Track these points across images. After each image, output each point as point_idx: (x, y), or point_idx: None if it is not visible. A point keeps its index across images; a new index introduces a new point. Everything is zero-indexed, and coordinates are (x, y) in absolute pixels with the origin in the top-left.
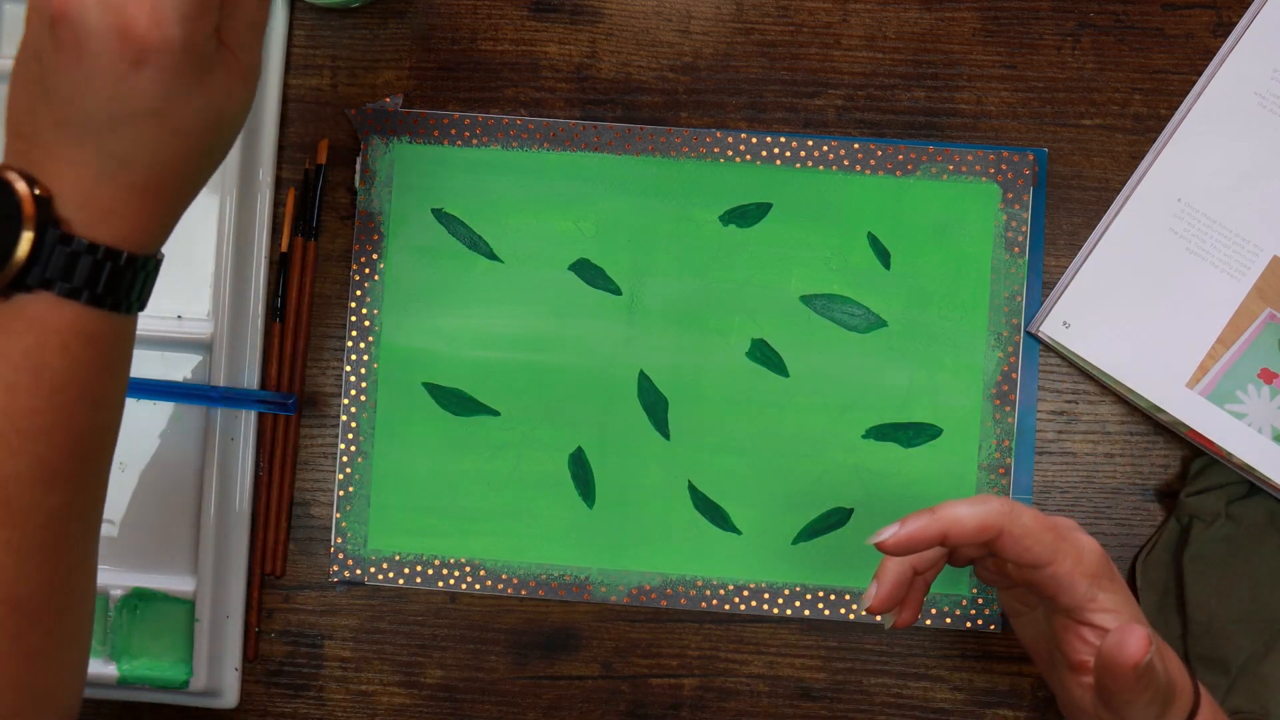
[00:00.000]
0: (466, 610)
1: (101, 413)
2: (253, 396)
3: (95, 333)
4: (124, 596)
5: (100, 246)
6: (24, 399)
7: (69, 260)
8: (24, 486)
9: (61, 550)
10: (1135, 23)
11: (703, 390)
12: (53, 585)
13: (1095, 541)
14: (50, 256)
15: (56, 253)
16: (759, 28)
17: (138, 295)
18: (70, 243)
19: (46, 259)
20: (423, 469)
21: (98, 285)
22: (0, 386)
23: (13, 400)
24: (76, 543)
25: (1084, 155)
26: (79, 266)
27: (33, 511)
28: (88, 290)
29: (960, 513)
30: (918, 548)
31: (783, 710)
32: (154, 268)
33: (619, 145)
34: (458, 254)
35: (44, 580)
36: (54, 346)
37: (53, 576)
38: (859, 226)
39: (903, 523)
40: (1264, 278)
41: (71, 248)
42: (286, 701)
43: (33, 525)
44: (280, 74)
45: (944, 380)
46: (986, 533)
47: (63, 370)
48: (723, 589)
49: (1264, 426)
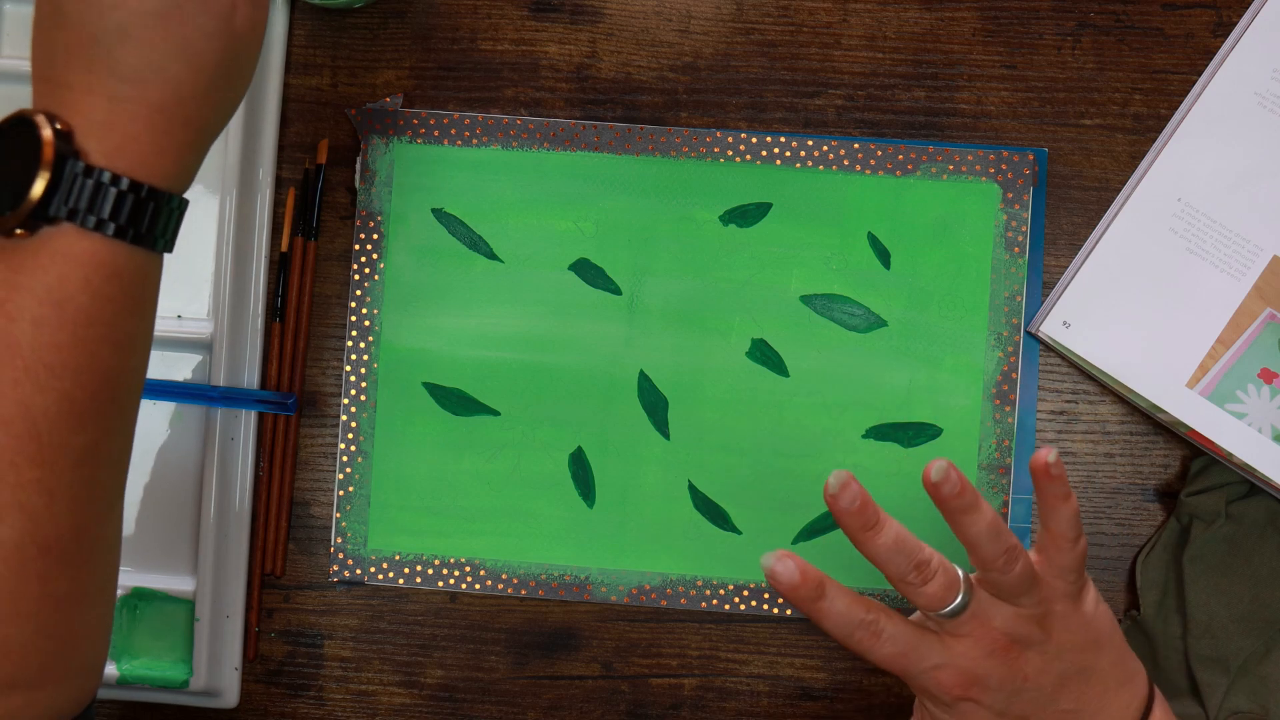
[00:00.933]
0: (466, 610)
1: (127, 355)
2: (253, 396)
3: (119, 268)
4: (124, 596)
5: (123, 178)
6: (49, 334)
7: (92, 191)
8: (53, 424)
9: (91, 493)
10: (1135, 23)
11: (703, 390)
12: (82, 531)
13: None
14: (73, 188)
15: (79, 184)
16: (759, 28)
17: (161, 231)
18: (92, 174)
19: (68, 190)
20: (423, 469)
21: (120, 216)
22: (28, 320)
23: (39, 335)
24: (105, 488)
25: (1084, 155)
26: (101, 198)
27: (63, 451)
28: (111, 221)
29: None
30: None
31: (783, 710)
32: (179, 206)
33: (619, 145)
34: (458, 254)
35: (73, 523)
36: (77, 280)
37: (82, 519)
38: (859, 226)
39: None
40: (1264, 278)
41: (94, 179)
42: (286, 701)
43: (63, 465)
44: (280, 74)
45: (944, 380)
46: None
47: (86, 306)
48: (723, 589)
49: (1264, 426)
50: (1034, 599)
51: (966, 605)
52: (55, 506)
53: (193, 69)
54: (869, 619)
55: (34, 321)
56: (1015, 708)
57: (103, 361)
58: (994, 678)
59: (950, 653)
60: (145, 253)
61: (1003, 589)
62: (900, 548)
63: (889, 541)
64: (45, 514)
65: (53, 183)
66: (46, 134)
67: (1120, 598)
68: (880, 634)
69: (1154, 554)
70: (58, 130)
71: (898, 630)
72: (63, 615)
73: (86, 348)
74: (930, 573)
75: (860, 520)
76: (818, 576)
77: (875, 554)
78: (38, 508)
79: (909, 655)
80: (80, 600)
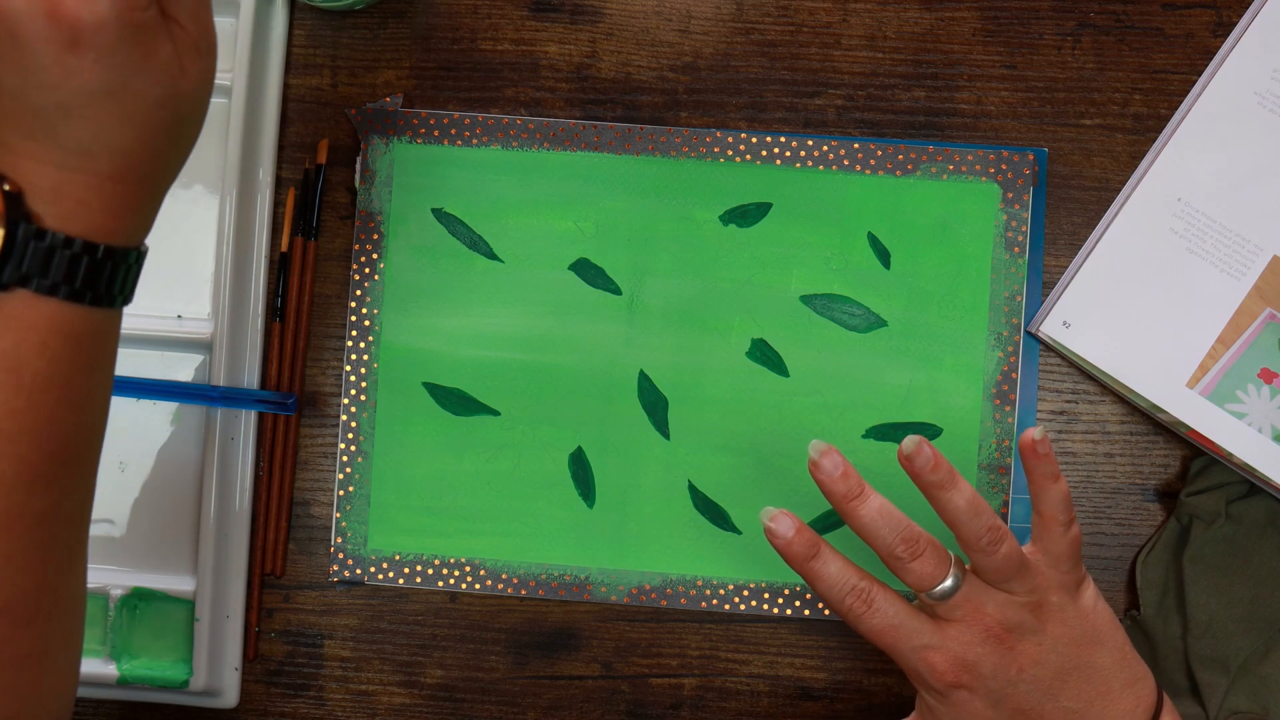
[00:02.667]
0: (466, 610)
1: (85, 413)
2: (253, 396)
3: (76, 330)
4: (124, 596)
5: (76, 240)
6: (4, 399)
7: (45, 255)
8: (8, 489)
9: (50, 553)
10: (1135, 23)
11: (703, 390)
12: (42, 589)
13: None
14: (25, 253)
15: (31, 248)
16: (759, 28)
17: (119, 289)
18: (45, 238)
19: (21, 255)
20: (423, 469)
21: (75, 280)
22: None
23: None
24: (66, 546)
25: (1084, 155)
26: (55, 261)
27: (19, 515)
28: (65, 285)
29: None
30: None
31: (783, 710)
32: (136, 260)
33: (619, 145)
34: (458, 254)
35: (33, 584)
36: (33, 345)
37: (42, 580)
38: (859, 226)
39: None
40: (1264, 278)
41: (46, 243)
42: (286, 701)
43: (20, 529)
44: (280, 74)
45: (944, 380)
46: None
47: (43, 370)
48: (723, 589)
49: (1264, 426)
50: (1027, 586)
51: (958, 587)
52: (12, 570)
53: (142, 138)
54: (862, 586)
55: None
56: (1012, 699)
57: (59, 423)
58: (987, 664)
59: (942, 635)
60: (104, 311)
61: (991, 572)
62: (886, 519)
63: (873, 511)
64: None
65: (5, 249)
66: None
67: (1120, 598)
68: (872, 602)
69: (1154, 554)
70: (7, 192)
71: (890, 602)
72: (25, 673)
73: (43, 411)
74: (919, 549)
75: (844, 487)
76: (813, 536)
77: (862, 524)
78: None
79: (900, 629)
80: (42, 657)
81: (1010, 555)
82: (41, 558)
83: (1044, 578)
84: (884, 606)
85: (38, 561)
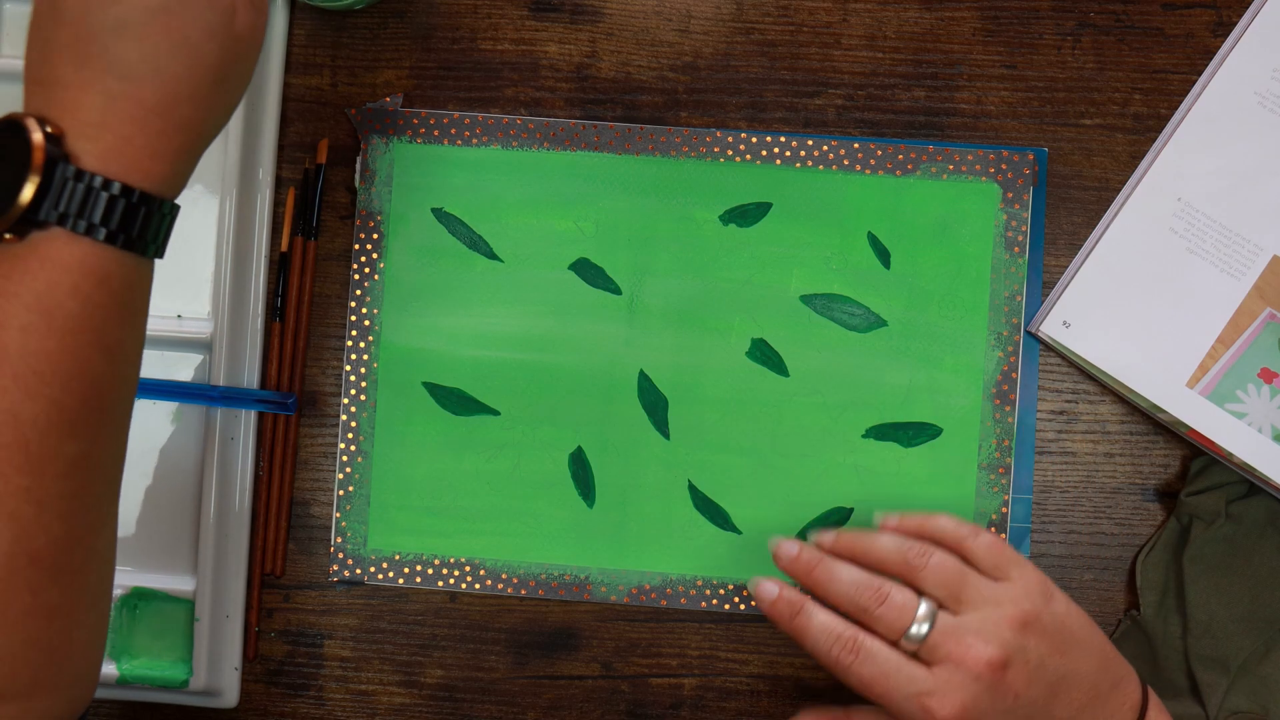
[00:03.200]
0: (466, 610)
1: (116, 362)
2: (253, 396)
3: (109, 274)
4: (124, 596)
5: (115, 183)
6: (38, 340)
7: (82, 196)
8: (42, 432)
9: (81, 502)
10: (1135, 23)
11: (703, 390)
12: (72, 539)
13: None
14: (63, 192)
15: (69, 188)
16: (759, 28)
17: (153, 236)
18: (84, 178)
19: (59, 195)
20: (423, 469)
21: (111, 222)
22: (16, 327)
23: (27, 342)
24: (96, 499)
25: (1084, 155)
26: (91, 202)
27: (52, 459)
28: (102, 226)
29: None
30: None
31: (783, 710)
32: (170, 212)
33: (619, 145)
34: (458, 254)
35: (64, 533)
36: (66, 286)
37: (72, 529)
38: (859, 226)
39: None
40: (1264, 277)
41: (85, 183)
42: (286, 701)
43: (52, 473)
44: (280, 74)
45: (944, 380)
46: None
47: (75, 312)
48: (723, 589)
49: (1264, 426)
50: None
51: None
52: (45, 516)
53: (190, 68)
54: (847, 635)
55: (22, 328)
56: None
57: (92, 368)
58: (983, 702)
59: (936, 679)
60: (136, 259)
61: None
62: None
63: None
64: (35, 524)
65: (43, 187)
66: (37, 137)
67: (1120, 598)
68: (859, 650)
69: (1154, 554)
70: (48, 134)
71: (878, 649)
72: (54, 626)
73: (75, 354)
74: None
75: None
76: (798, 595)
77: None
78: (27, 517)
79: (890, 678)
80: (72, 611)
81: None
82: (74, 507)
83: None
84: (872, 654)
85: (69, 510)
